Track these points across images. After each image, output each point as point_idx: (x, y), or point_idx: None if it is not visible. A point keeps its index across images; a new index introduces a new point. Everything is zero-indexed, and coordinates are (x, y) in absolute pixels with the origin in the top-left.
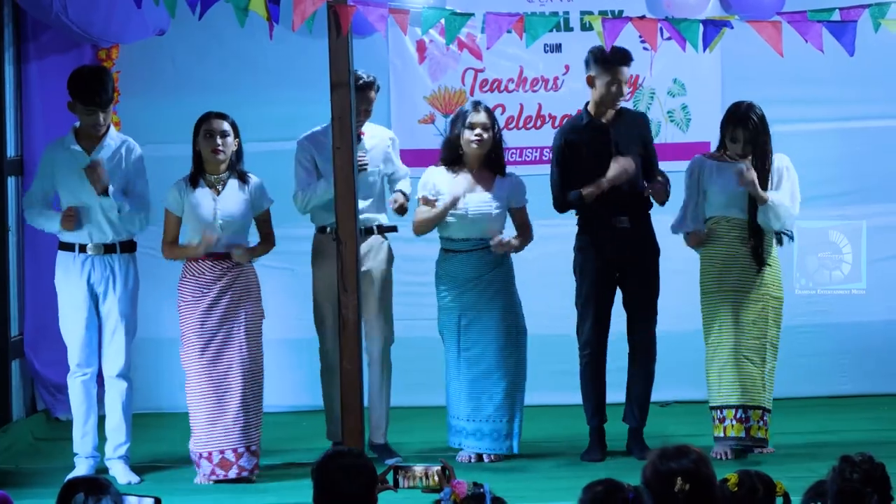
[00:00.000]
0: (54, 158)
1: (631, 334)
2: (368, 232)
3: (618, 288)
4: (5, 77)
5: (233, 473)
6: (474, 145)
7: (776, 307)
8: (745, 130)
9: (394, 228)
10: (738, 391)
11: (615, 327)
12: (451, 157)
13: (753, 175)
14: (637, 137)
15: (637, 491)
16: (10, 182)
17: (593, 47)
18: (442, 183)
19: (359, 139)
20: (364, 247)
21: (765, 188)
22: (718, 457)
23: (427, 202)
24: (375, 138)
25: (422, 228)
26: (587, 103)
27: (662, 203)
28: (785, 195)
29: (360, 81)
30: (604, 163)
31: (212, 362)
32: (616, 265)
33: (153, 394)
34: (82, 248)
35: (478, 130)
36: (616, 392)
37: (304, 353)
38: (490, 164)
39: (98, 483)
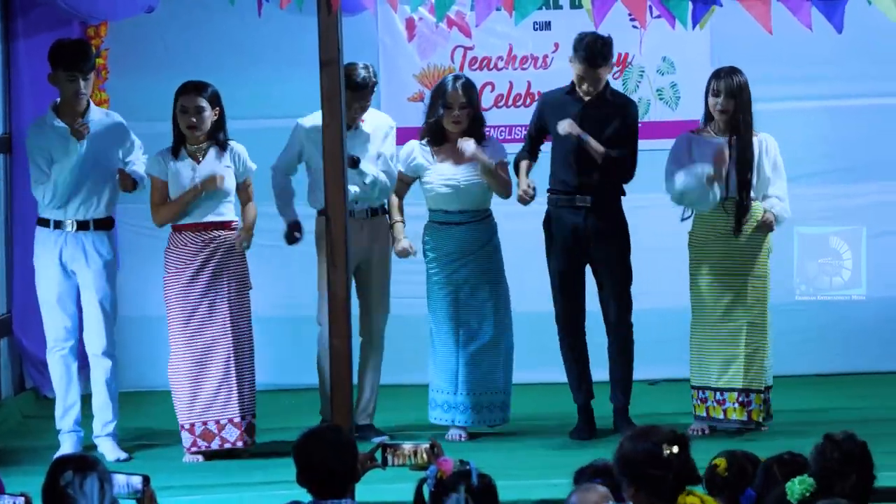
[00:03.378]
0: (43, 136)
1: (607, 319)
2: (374, 214)
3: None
4: None
5: (215, 445)
6: (453, 127)
7: (759, 286)
8: (727, 83)
9: None
10: (715, 372)
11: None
12: (433, 135)
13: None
14: (606, 124)
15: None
16: None
17: (580, 36)
18: (423, 159)
19: (357, 128)
20: (374, 229)
21: (748, 165)
22: (695, 433)
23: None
24: (373, 124)
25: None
26: None
27: (599, 161)
28: (780, 190)
29: (360, 79)
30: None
31: (195, 333)
32: (581, 243)
33: (141, 371)
34: (57, 224)
35: (455, 112)
36: (603, 370)
37: (289, 330)
38: (471, 135)
39: (87, 461)
